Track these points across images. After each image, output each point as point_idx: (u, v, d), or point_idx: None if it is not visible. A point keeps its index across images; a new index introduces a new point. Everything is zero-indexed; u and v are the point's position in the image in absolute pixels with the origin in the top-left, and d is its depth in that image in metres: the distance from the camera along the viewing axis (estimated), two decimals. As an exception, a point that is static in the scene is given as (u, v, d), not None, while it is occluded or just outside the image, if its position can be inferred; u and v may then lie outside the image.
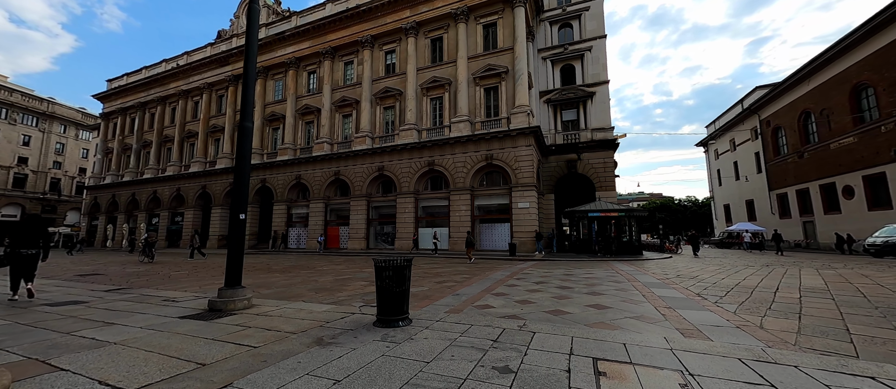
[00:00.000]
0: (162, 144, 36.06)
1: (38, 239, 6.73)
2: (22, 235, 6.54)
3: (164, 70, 36.45)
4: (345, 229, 26.02)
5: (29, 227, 6.69)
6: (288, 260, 17.21)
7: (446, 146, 23.04)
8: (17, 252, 6.41)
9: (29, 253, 6.50)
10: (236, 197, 5.68)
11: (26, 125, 50.62)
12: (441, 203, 23.68)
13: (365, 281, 9.04)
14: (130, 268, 13.66)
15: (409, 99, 24.69)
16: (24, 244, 6.49)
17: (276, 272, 11.74)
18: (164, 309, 5.56)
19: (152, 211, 35.11)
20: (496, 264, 14.25)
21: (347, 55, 27.98)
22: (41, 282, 9.27)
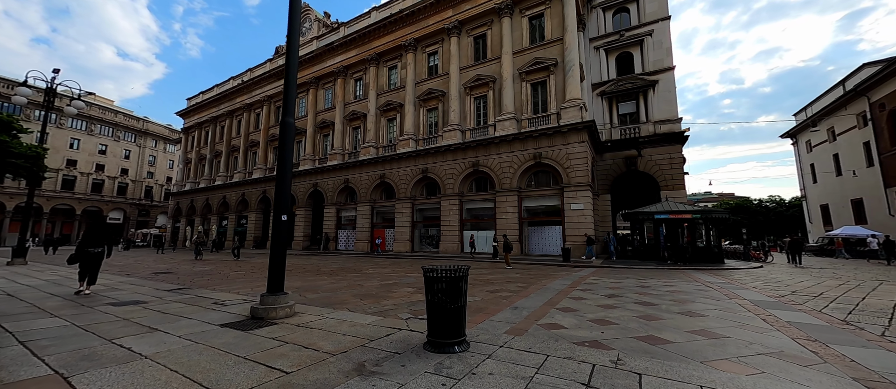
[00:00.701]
0: (230, 154, 39.38)
1: (103, 239, 7.44)
2: (90, 236, 7.27)
3: (230, 86, 39.87)
4: (390, 231, 26.06)
5: (96, 229, 7.41)
6: (336, 262, 17.36)
7: (491, 146, 22.03)
8: (85, 250, 7.14)
9: (95, 252, 7.25)
10: (279, 196, 5.30)
11: (127, 141, 58.57)
12: (486, 205, 22.69)
13: (411, 288, 8.42)
14: (198, 267, 14.53)
15: (452, 99, 24.11)
16: (92, 243, 7.20)
17: (324, 274, 11.64)
18: (210, 313, 5.33)
19: (222, 214, 38.39)
20: (550, 271, 12.95)
21: (391, 60, 28.20)
22: (120, 279, 9.96)
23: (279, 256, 5.21)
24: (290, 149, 5.35)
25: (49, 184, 48.81)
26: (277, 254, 5.21)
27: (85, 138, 52.83)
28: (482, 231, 22.45)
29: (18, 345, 3.59)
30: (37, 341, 3.78)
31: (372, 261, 18.12)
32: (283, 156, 5.30)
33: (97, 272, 7.39)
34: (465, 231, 23.17)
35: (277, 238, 5.24)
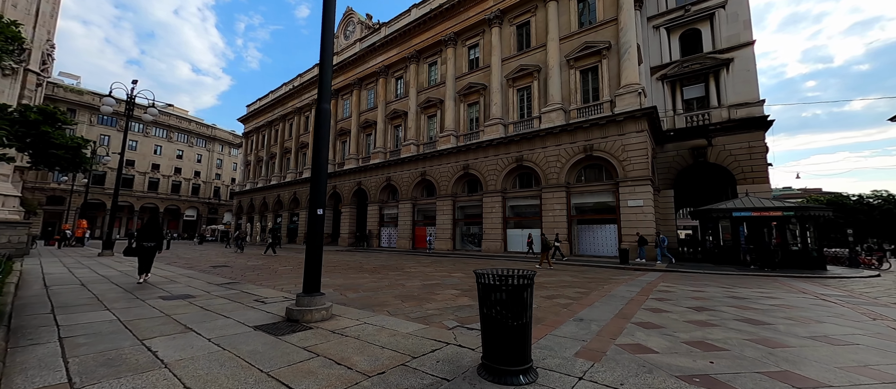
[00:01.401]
0: (283, 155, 41.79)
1: (157, 235, 8.07)
2: (145, 232, 8.04)
3: (282, 92, 42.29)
4: (431, 229, 25.69)
5: (150, 226, 8.18)
6: (378, 259, 17.25)
7: (536, 139, 20.67)
8: (141, 244, 7.89)
9: (149, 246, 7.96)
10: (314, 188, 4.86)
11: (199, 146, 65.02)
12: (531, 202, 21.38)
13: (456, 290, 7.72)
14: (252, 261, 15.15)
15: (493, 92, 23.07)
16: (147, 239, 7.98)
17: (365, 271, 11.38)
18: (248, 312, 5.04)
19: (277, 212, 40.87)
20: (607, 274, 11.55)
21: (431, 56, 27.80)
22: (181, 271, 10.44)
23: (315, 253, 4.77)
24: (325, 138, 4.89)
25: (138, 185, 55.70)
26: (313, 251, 4.77)
27: (165, 145, 59.41)
28: (527, 229, 21.18)
29: (55, 343, 3.44)
30: (75, 338, 3.63)
31: (414, 259, 17.79)
32: (319, 145, 4.84)
33: (151, 263, 8.03)
34: (508, 229, 22.08)
35: (313, 233, 4.80)
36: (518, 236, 21.63)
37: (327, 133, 4.94)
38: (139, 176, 55.76)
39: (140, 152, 56.03)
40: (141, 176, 55.95)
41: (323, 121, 4.88)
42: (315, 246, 4.78)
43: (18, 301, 5.48)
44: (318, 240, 4.81)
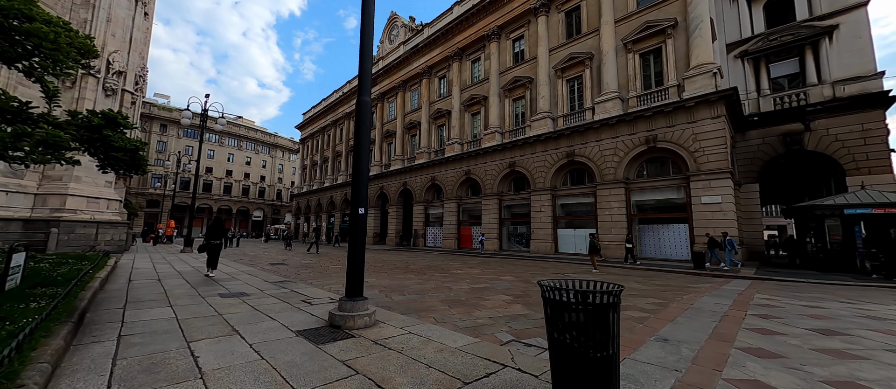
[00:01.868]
0: (335, 158, 44.02)
1: (221, 234, 9.39)
2: (212, 232, 9.17)
3: (333, 99, 44.54)
4: (477, 229, 25.09)
5: (215, 226, 9.31)
6: (425, 259, 17.08)
7: (589, 132, 19.07)
8: (209, 242, 9.05)
9: (215, 243, 9.11)
10: (355, 186, 4.57)
11: (263, 153, 71.36)
12: (584, 200, 19.81)
13: (507, 296, 7.07)
14: (306, 259, 15.84)
15: (541, 85, 21.81)
16: (213, 237, 9.11)
17: (411, 272, 11.16)
18: (294, 314, 4.92)
19: (330, 212, 43.16)
20: (680, 281, 10.04)
21: (474, 52, 27.19)
22: (243, 268, 11.07)
23: (357, 255, 4.48)
24: (366, 131, 4.58)
25: (216, 189, 62.63)
26: (356, 253, 4.48)
27: (236, 153, 66.01)
28: (580, 230, 19.65)
29: (113, 341, 3.49)
30: (132, 337, 3.69)
31: (460, 260, 17.34)
32: (359, 139, 4.55)
33: (217, 259, 9.18)
34: (559, 229, 20.71)
35: (355, 234, 4.52)
36: (570, 236, 20.17)
37: (368, 126, 4.63)
38: (216, 181, 62.58)
39: (216, 160, 62.83)
40: (217, 181, 62.74)
41: (364, 114, 4.57)
42: (357, 246, 4.49)
43: (103, 294, 5.98)
44: (360, 241, 4.52)
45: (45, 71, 3.73)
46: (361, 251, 4.52)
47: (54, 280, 5.42)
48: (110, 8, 15.77)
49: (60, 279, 5.43)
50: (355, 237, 4.50)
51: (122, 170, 4.81)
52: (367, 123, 4.60)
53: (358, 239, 4.50)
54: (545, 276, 10.42)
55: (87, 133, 4.21)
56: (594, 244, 13.13)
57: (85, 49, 4.47)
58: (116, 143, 4.35)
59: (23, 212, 13.71)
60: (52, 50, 3.61)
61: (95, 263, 7.92)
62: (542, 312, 5.46)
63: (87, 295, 4.71)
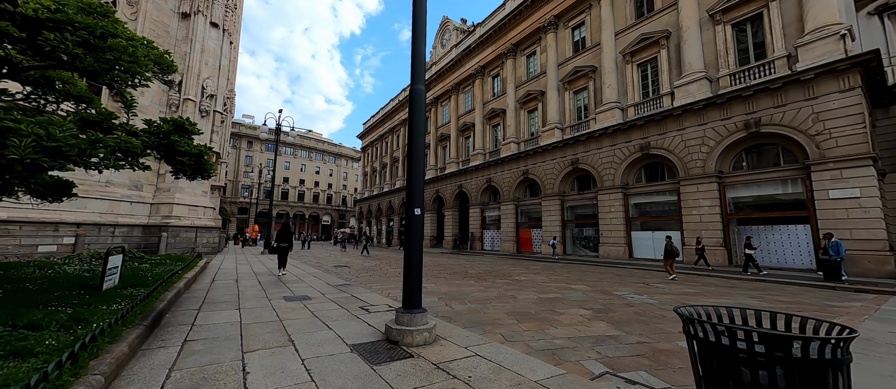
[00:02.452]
0: (392, 164, 45.59)
1: (288, 238, 10.22)
2: (280, 236, 10.15)
3: (390, 107, 46.26)
4: (537, 232, 23.62)
5: (283, 231, 10.27)
6: (483, 264, 16.35)
7: (669, 120, 16.64)
8: (278, 246, 9.97)
9: (283, 246, 9.99)
10: (410, 184, 4.11)
11: (330, 163, 77.29)
12: (663, 198, 17.34)
13: (585, 310, 6.05)
14: (367, 262, 16.20)
15: (606, 73, 19.76)
16: (281, 241, 10.08)
17: (471, 278, 10.54)
18: (350, 324, 4.62)
19: (390, 216, 44.72)
20: (812, 297, 7.87)
21: (529, 47, 25.84)
22: (310, 269, 11.52)
23: (414, 262, 3.99)
24: (420, 124, 4.10)
25: (292, 197, 69.43)
26: (412, 259, 4.00)
27: (307, 163, 72.41)
28: (659, 232, 17.20)
29: (177, 347, 3.46)
30: (195, 343, 3.65)
31: (521, 265, 16.28)
32: (413, 134, 4.08)
33: (286, 259, 10.06)
34: (632, 231, 18.42)
35: (411, 238, 4.04)
36: (646, 240, 17.79)
37: (422, 117, 4.14)
38: (292, 189, 69.30)
39: (292, 170, 69.61)
40: (292, 189, 69.44)
41: (417, 104, 4.10)
42: (414, 251, 4.01)
43: (187, 294, 6.42)
44: (417, 245, 4.03)
45: (124, 83, 3.97)
46: (418, 256, 4.03)
47: (146, 280, 5.90)
48: (203, 40, 18.03)
49: (151, 279, 5.89)
50: (411, 240, 4.03)
51: (188, 174, 5.02)
52: (420, 114, 4.12)
53: (414, 243, 4.02)
54: (623, 286, 9.01)
55: (157, 139, 4.46)
56: (670, 247, 11.21)
57: (163, 64, 4.74)
58: (181, 148, 4.52)
59: (142, 219, 16.17)
60: (130, 62, 3.82)
61: (187, 264, 8.77)
62: (635, 335, 4.42)
63: (168, 296, 4.95)
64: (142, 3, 16.41)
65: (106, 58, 3.62)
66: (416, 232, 4.05)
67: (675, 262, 14.65)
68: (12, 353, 2.22)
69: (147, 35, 16.72)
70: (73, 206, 13.87)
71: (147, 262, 8.66)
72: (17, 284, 4.66)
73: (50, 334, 2.64)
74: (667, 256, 11.23)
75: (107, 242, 14.61)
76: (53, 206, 13.30)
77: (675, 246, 11.61)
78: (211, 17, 18.33)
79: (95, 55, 3.55)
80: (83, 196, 14.20)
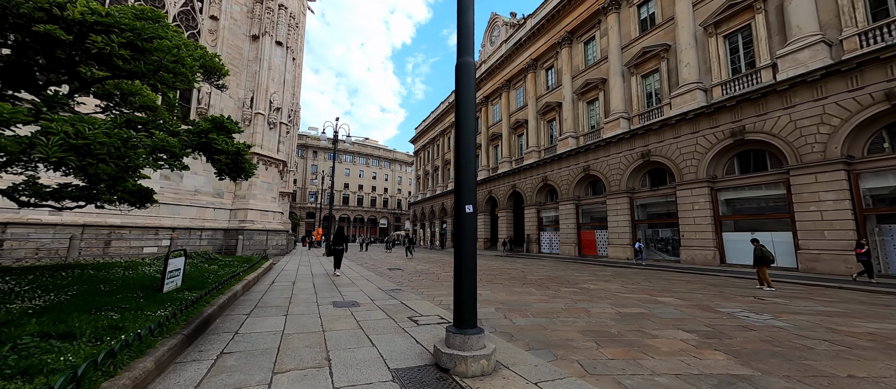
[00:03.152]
0: (444, 167, 45.60)
1: (343, 241, 10.90)
2: (336, 239, 10.84)
3: (440, 110, 46.40)
4: (602, 233, 21.35)
5: (339, 234, 10.95)
6: (542, 268, 15.02)
7: (768, 98, 13.71)
8: (334, 248, 10.68)
9: (339, 249, 10.69)
10: (460, 176, 3.39)
11: (385, 168, 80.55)
12: (764, 192, 14.32)
13: (686, 333, 4.74)
14: (420, 265, 15.91)
15: (682, 50, 17.09)
16: (337, 243, 10.74)
17: (531, 284, 9.48)
18: (396, 339, 4.03)
19: (442, 218, 44.73)
20: None
21: (587, 32, 23.66)
22: (364, 272, 11.46)
23: (467, 269, 3.25)
24: (470, 101, 3.36)
25: (352, 202, 73.72)
26: (465, 267, 3.26)
27: (365, 169, 76.27)
28: (759, 232, 14.22)
29: (209, 362, 3.17)
30: (230, 356, 3.34)
31: (586, 269, 14.61)
32: (462, 113, 3.36)
33: (341, 261, 10.83)
34: (723, 232, 15.54)
35: (462, 242, 3.31)
36: (742, 242, 14.84)
37: (472, 94, 3.40)
38: (351, 194, 73.53)
39: (351, 176, 73.90)
40: (352, 194, 73.64)
41: (466, 79, 3.37)
42: (465, 257, 3.26)
43: (244, 296, 6.48)
44: (469, 251, 3.28)
45: (168, 85, 3.93)
46: (472, 264, 3.28)
47: (207, 282, 6.03)
48: (270, 59, 19.51)
49: (211, 281, 6.01)
50: (463, 245, 3.29)
51: (227, 172, 4.92)
52: (470, 91, 3.38)
53: (466, 247, 3.28)
54: (726, 300, 7.22)
55: (196, 137, 4.39)
56: (761, 252, 9.32)
57: (212, 67, 4.68)
58: (218, 146, 4.40)
59: (223, 224, 17.88)
60: (174, 62, 3.74)
61: (252, 265, 9.15)
62: (778, 377, 3.13)
63: (219, 300, 4.88)
64: (220, 31, 18.27)
65: (152, 59, 3.57)
66: (468, 233, 3.31)
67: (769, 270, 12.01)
68: (21, 372, 2.00)
69: (224, 57, 18.55)
70: (169, 213, 15.76)
71: (216, 264, 9.24)
72: (93, 285, 4.98)
73: (78, 346, 2.46)
74: (758, 263, 9.35)
75: (195, 244, 16.36)
76: (154, 213, 15.22)
77: (768, 251, 9.42)
78: (276, 36, 19.79)
79: (142, 57, 3.50)
80: (176, 203, 16.08)
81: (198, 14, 17.84)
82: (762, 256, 9.30)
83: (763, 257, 9.29)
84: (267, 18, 19.39)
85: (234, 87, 18.80)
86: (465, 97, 3.37)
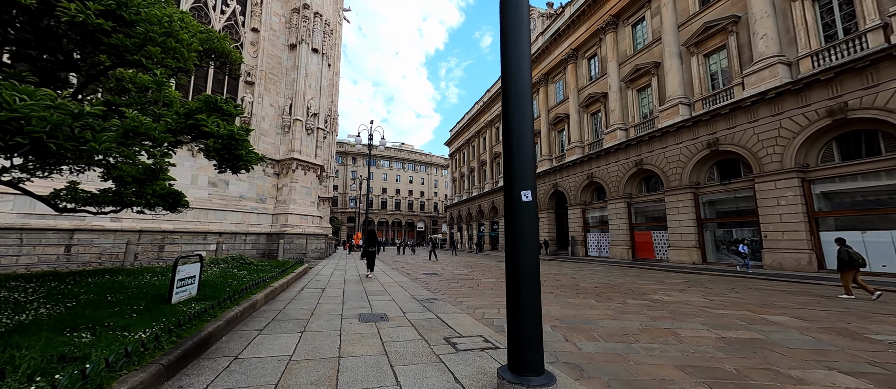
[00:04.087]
0: (480, 168, 44.35)
1: (375, 243, 11.08)
2: (369, 241, 11.08)
3: (475, 110, 45.30)
4: (660, 234, 18.91)
5: (371, 237, 11.15)
6: (595, 274, 13.33)
7: (881, 66, 10.96)
8: (367, 250, 10.85)
9: (371, 251, 10.81)
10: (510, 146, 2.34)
11: (421, 172, 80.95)
12: (874, 183, 11.48)
13: (846, 375, 3.24)
14: (458, 269, 14.92)
15: (756, 20, 14.53)
16: (369, 246, 10.92)
17: (588, 294, 8.07)
18: (428, 374, 3.05)
19: (480, 221, 43.45)
20: None
21: (635, 13, 21.36)
22: (399, 277, 10.71)
23: (526, 286, 2.19)
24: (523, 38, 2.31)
25: (390, 206, 74.87)
26: (523, 282, 2.21)
27: (402, 173, 77.19)
28: (872, 232, 11.43)
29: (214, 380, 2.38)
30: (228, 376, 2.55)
31: (647, 275, 12.68)
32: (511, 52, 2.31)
33: (374, 262, 10.74)
34: (820, 231, 12.79)
35: (518, 245, 2.25)
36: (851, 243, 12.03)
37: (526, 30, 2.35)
38: (389, 198, 74.71)
39: (389, 181, 75.13)
40: (390, 198, 74.80)
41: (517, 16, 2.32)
42: (523, 269, 2.20)
43: (265, 306, 5.91)
44: (527, 258, 2.21)
45: (156, 61, 3.34)
46: (532, 277, 2.21)
47: (224, 289, 5.51)
48: (307, 66, 19.80)
49: (230, 290, 5.48)
50: (520, 250, 2.23)
51: (218, 160, 4.29)
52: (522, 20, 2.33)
53: (524, 254, 2.22)
54: (869, 321, 5.34)
55: (184, 119, 3.79)
56: (850, 256, 7.85)
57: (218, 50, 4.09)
58: (206, 128, 3.75)
59: (266, 228, 18.27)
60: (164, 35, 3.16)
61: (283, 270, 8.75)
62: None
63: (229, 314, 4.25)
64: (260, 42, 18.85)
65: (137, 32, 3.01)
66: (527, 232, 2.25)
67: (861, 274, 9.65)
68: None
69: (264, 67, 19.05)
70: (217, 219, 16.31)
71: (247, 268, 8.97)
72: (102, 295, 4.61)
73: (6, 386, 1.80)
74: (845, 267, 7.88)
75: (241, 248, 16.79)
76: (202, 218, 15.78)
77: (856, 252, 7.93)
78: (312, 44, 20.06)
79: (125, 30, 2.94)
80: (223, 209, 16.62)
81: (240, 27, 18.54)
82: (848, 259, 7.86)
83: (849, 260, 7.84)
84: (303, 27, 19.72)
85: (273, 96, 19.27)
86: (515, 32, 2.32)
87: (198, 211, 15.49)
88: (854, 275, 7.87)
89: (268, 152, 18.71)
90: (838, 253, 8.14)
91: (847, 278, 7.93)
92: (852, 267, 7.88)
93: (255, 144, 18.29)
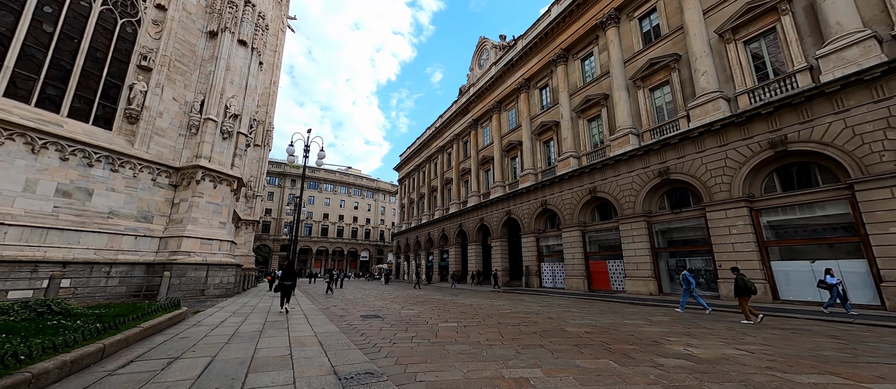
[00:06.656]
0: (431, 194, 42.30)
1: (293, 276, 9.92)
2: (285, 274, 9.76)
3: (426, 135, 43.94)
4: (615, 264, 18.21)
5: (288, 269, 9.93)
6: (569, 312, 11.46)
7: (818, 102, 11.54)
8: (282, 283, 9.56)
9: (287, 284, 9.66)
10: None
11: (368, 198, 76.32)
12: (822, 212, 11.75)
13: None
14: (406, 309, 12.00)
15: (697, 58, 15.20)
16: (285, 279, 9.68)
17: (588, 346, 5.92)
18: None
19: (429, 250, 40.64)
20: None
21: (584, 48, 22.04)
22: (322, 325, 7.53)
23: None
24: None
25: (331, 233, 68.22)
26: None
27: (347, 199, 71.79)
28: (824, 261, 11.46)
29: None
30: None
31: (620, 310, 11.13)
32: None
33: (290, 296, 9.88)
34: (772, 261, 12.71)
35: None
36: (799, 272, 12.03)
37: None
38: (331, 225, 68.32)
39: (331, 206, 69.10)
40: (332, 225, 68.45)
41: None
42: None
43: None
44: None
45: None
46: None
47: None
48: (229, 58, 16.27)
49: None
50: None
51: None
52: None
53: None
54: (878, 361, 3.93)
55: None
56: (743, 283, 8.74)
57: None
58: None
59: (148, 256, 13.50)
60: None
61: (117, 324, 5.18)
62: None
63: None
64: (167, 22, 15.01)
65: None
66: None
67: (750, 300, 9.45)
68: None
69: (172, 55, 15.13)
70: (63, 242, 11.39)
71: (82, 318, 5.16)
72: None
73: None
74: (740, 293, 8.72)
75: (99, 284, 11.86)
76: (37, 242, 10.83)
77: (751, 280, 9.09)
78: (239, 34, 16.71)
79: None
80: (77, 229, 11.76)
81: (141, 1, 14.61)
82: (741, 285, 8.73)
83: (743, 286, 8.70)
84: (229, 13, 16.39)
85: (179, 89, 15.23)
86: None
87: (27, 231, 10.57)
88: (743, 302, 8.57)
89: (163, 157, 14.35)
90: (736, 280, 8.90)
91: (744, 303, 8.58)
92: (747, 294, 8.61)
93: (145, 146, 13.88)
